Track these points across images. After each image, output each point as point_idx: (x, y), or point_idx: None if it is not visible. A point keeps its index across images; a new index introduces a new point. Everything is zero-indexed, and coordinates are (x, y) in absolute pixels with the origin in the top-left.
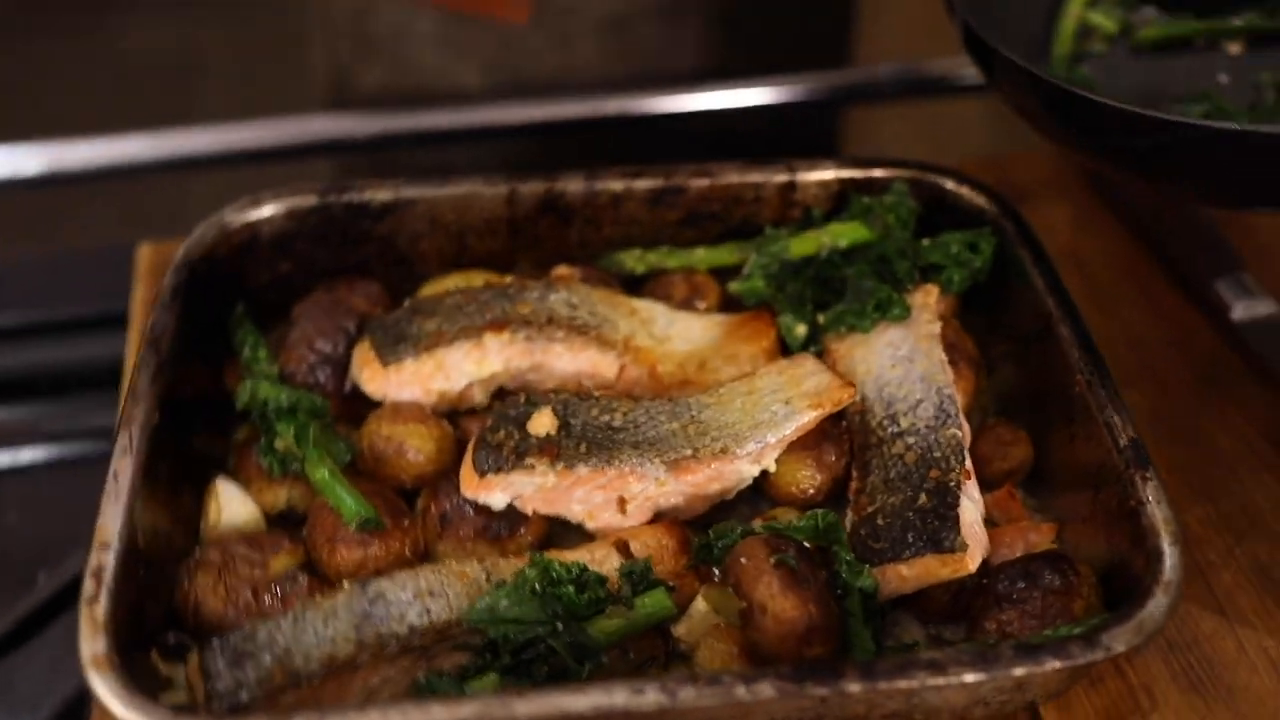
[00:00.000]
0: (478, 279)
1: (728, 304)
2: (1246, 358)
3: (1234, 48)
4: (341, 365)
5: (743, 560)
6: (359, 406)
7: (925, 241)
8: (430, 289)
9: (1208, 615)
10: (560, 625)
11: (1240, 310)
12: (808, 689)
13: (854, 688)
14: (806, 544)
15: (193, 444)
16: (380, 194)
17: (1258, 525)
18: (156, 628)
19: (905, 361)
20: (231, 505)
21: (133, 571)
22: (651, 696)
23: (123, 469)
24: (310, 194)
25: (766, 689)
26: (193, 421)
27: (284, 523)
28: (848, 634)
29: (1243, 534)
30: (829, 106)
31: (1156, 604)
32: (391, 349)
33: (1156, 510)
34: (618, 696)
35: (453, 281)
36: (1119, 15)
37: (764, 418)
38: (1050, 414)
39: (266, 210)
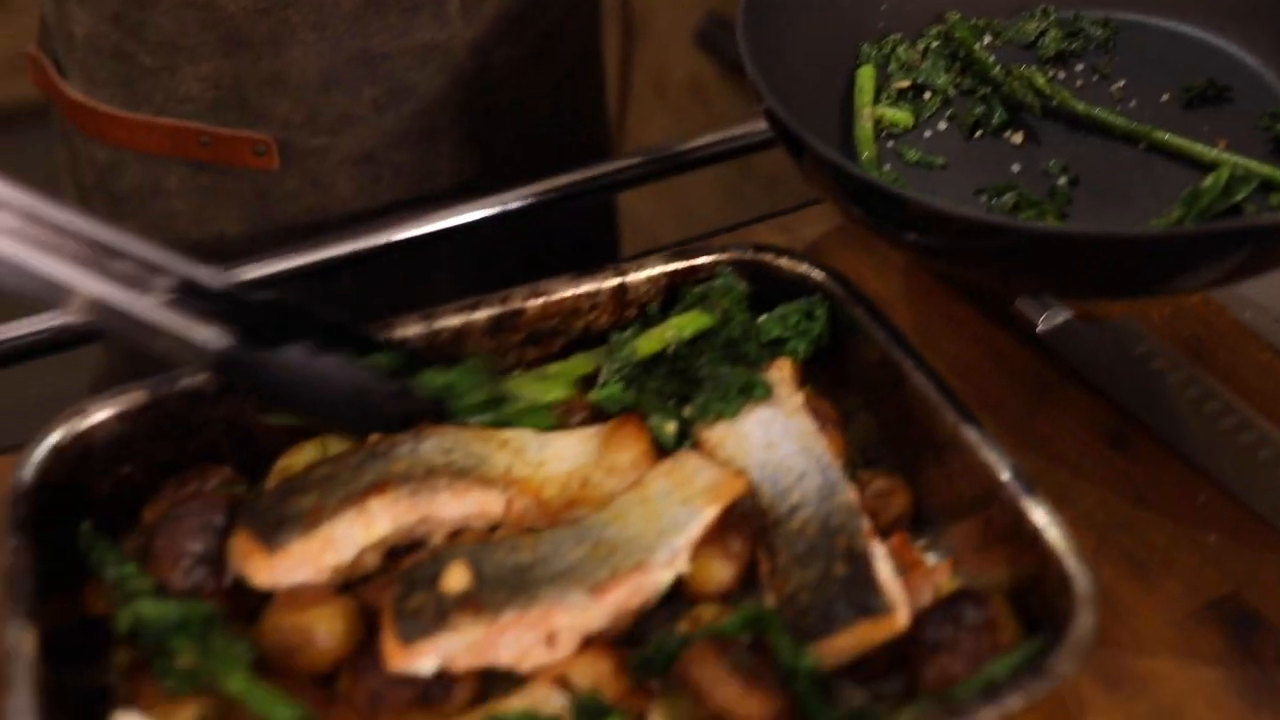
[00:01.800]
0: (333, 445)
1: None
2: (1058, 364)
3: (1016, 138)
4: (215, 561)
5: (696, 670)
6: (241, 601)
7: (763, 318)
8: (287, 461)
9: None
10: None
11: (1043, 322)
12: None
13: None
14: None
15: (67, 681)
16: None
17: (1115, 518)
18: None
19: (780, 439)
20: None
21: None
22: None
23: None
24: (139, 391)
25: None
26: (67, 657)
27: None
28: (808, 715)
29: (1105, 529)
30: (579, 199)
31: (1083, 622)
32: (274, 534)
33: (1054, 534)
34: None
35: (309, 450)
36: (909, 108)
37: (667, 523)
38: (920, 457)
39: (96, 418)
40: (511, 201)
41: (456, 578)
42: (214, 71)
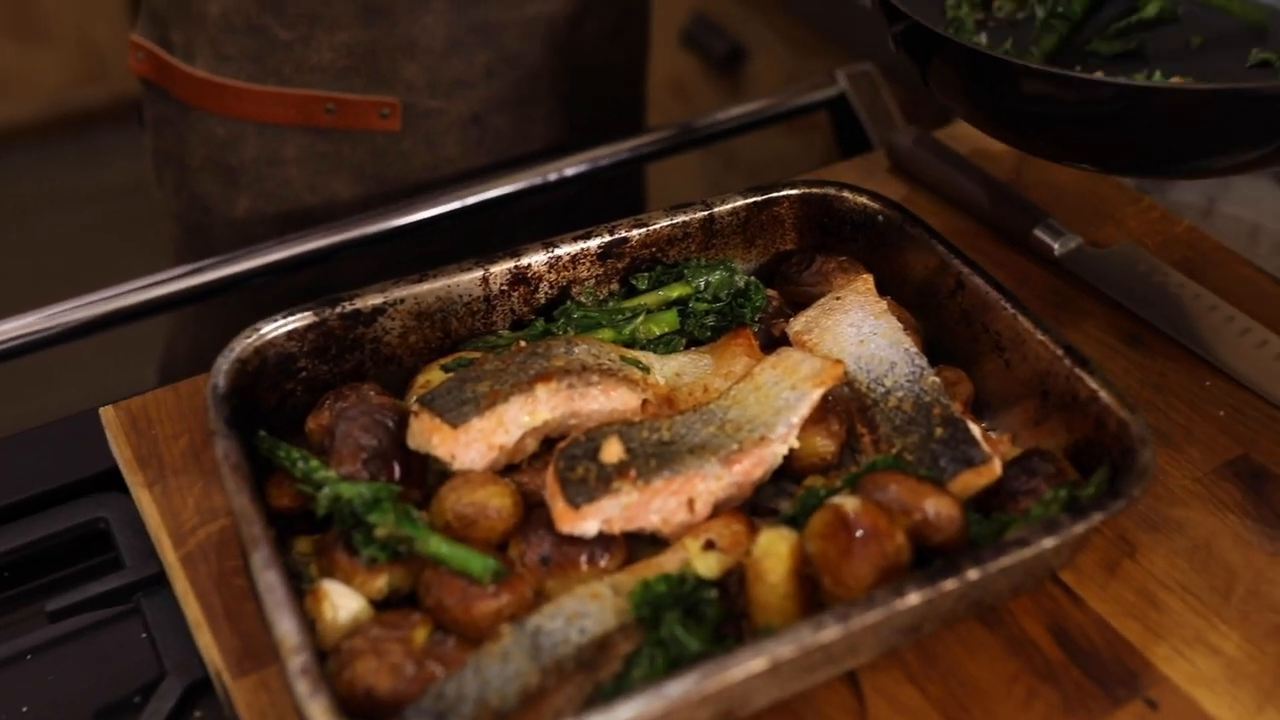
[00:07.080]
0: (469, 360)
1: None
2: (1075, 283)
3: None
4: (386, 456)
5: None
6: (406, 494)
7: None
8: (425, 377)
9: None
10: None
11: (1059, 248)
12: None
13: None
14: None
15: None
16: (370, 299)
17: (1140, 400)
18: None
19: (870, 335)
20: (343, 602)
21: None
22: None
23: (273, 582)
24: (305, 312)
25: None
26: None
27: (386, 607)
28: None
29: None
30: (636, 164)
31: (1144, 456)
32: (456, 412)
33: (1109, 392)
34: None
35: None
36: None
37: (780, 404)
38: (978, 350)
39: (269, 336)
40: (601, 159)
41: (613, 450)
42: (349, 40)
